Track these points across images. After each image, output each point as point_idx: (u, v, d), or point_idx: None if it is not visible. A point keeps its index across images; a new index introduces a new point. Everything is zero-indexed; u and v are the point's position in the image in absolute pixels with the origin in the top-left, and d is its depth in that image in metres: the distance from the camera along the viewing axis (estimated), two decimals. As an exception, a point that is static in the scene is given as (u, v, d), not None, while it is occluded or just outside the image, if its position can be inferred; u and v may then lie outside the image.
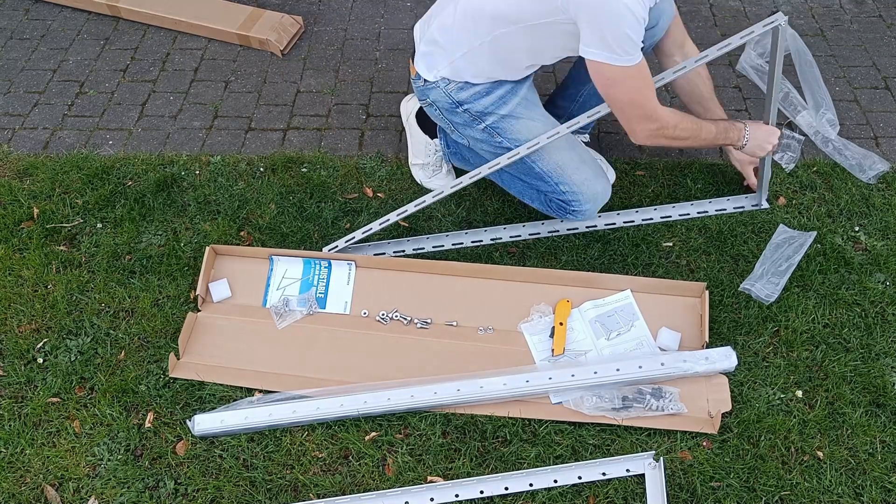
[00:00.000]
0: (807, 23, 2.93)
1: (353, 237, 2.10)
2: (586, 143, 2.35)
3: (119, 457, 1.76)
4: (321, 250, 2.13)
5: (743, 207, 2.23)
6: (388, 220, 2.06)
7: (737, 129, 1.97)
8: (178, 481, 1.72)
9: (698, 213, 2.22)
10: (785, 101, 2.53)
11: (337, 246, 2.12)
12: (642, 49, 1.70)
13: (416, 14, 3.05)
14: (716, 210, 2.23)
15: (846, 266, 2.09)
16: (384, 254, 2.15)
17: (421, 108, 2.26)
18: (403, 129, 2.56)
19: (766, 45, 2.69)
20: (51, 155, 2.50)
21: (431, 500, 1.67)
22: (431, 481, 1.71)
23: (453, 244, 2.16)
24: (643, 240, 2.17)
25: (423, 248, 2.16)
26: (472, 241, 2.17)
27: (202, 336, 1.98)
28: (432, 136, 2.28)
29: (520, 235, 2.18)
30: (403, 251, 2.16)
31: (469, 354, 1.92)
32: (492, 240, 2.17)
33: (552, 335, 1.94)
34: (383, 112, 2.63)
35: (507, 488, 1.68)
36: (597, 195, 2.01)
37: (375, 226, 2.07)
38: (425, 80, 1.98)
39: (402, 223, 2.22)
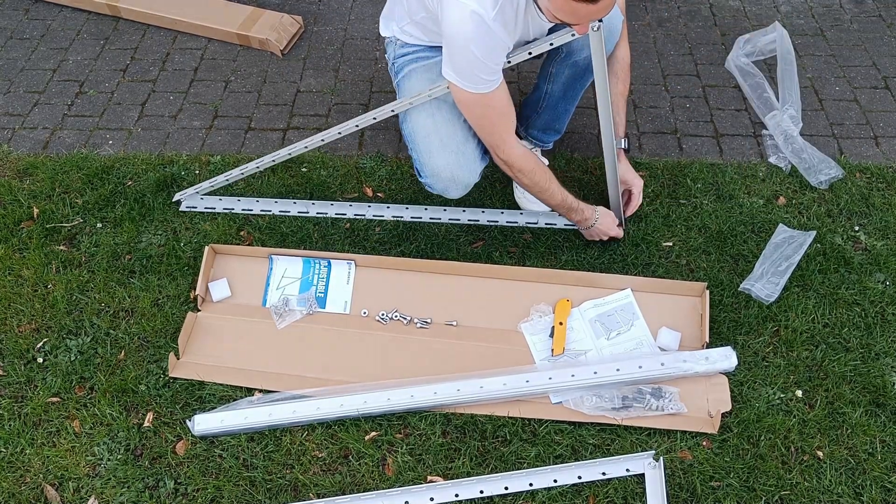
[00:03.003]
0: (807, 22, 2.93)
1: (201, 187, 2.22)
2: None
3: (119, 456, 1.76)
4: (173, 198, 2.29)
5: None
6: (232, 173, 2.19)
7: (582, 213, 2.02)
8: (178, 481, 1.72)
9: (527, 223, 2.22)
10: (759, 99, 2.55)
11: (185, 193, 2.26)
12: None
13: (416, 14, 3.05)
14: (546, 223, 2.21)
15: (846, 266, 2.09)
16: (251, 210, 2.27)
17: None
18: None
19: (754, 44, 2.71)
20: (51, 155, 2.50)
21: (431, 499, 1.67)
22: (431, 481, 1.71)
23: (318, 213, 2.27)
24: (643, 239, 2.17)
25: (289, 212, 2.27)
26: (336, 213, 2.26)
27: (202, 336, 1.98)
28: None
29: (382, 216, 2.25)
30: (270, 211, 2.27)
31: (469, 354, 1.92)
32: (374, 216, 2.24)
33: (552, 335, 1.93)
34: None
35: (507, 488, 1.68)
36: (437, 170, 1.91)
37: (220, 178, 2.19)
38: (385, 38, 2.09)
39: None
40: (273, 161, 2.14)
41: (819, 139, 2.47)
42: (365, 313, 2.03)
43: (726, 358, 1.83)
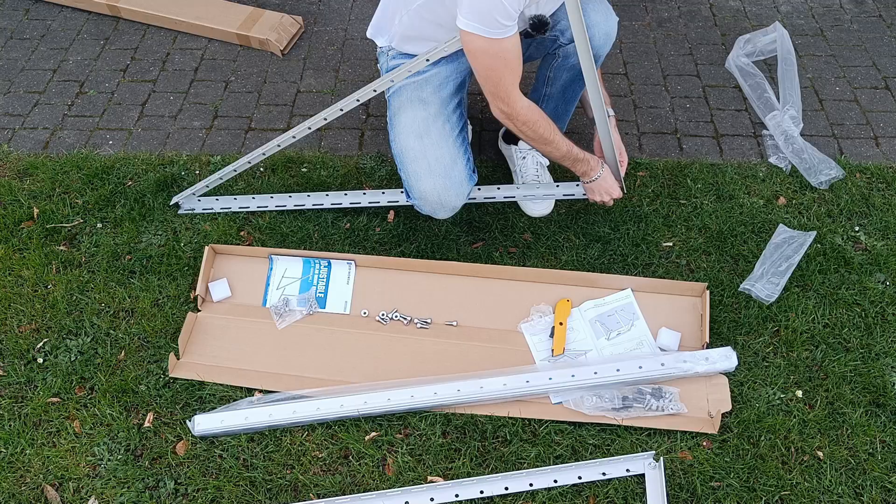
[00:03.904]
0: (807, 23, 2.93)
1: (197, 188, 2.22)
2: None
3: (119, 457, 1.76)
4: (171, 202, 2.29)
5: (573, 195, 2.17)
6: (225, 171, 2.18)
7: (588, 164, 1.96)
8: (178, 481, 1.72)
9: (525, 195, 2.19)
10: (759, 100, 2.55)
11: (182, 196, 2.25)
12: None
13: (416, 14, 3.05)
14: (563, 194, 2.17)
15: (846, 266, 2.09)
16: (248, 207, 2.27)
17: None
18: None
19: (754, 44, 2.71)
20: (51, 155, 2.50)
21: (431, 500, 1.67)
22: (431, 481, 1.71)
23: (295, 205, 2.26)
24: (643, 240, 2.17)
25: (285, 206, 2.26)
26: (332, 204, 2.25)
27: (202, 336, 1.98)
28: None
29: (378, 202, 2.22)
30: (267, 206, 2.26)
31: (469, 354, 1.92)
32: (370, 202, 2.23)
33: (552, 335, 1.94)
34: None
35: (507, 488, 1.68)
36: (424, 194, 1.92)
37: (214, 177, 2.18)
38: (378, 47, 2.09)
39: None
40: (263, 154, 2.11)
41: (819, 139, 2.48)
42: (365, 313, 2.03)
43: (726, 358, 1.84)
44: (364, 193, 2.23)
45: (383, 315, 2.01)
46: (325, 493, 1.70)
